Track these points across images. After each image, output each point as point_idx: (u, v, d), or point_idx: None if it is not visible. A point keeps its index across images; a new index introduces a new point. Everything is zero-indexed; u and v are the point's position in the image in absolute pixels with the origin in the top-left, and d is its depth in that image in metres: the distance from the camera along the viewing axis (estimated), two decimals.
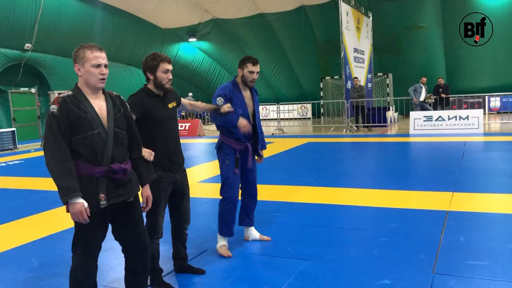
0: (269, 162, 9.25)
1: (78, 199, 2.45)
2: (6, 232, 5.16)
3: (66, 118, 2.50)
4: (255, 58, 4.06)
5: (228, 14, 20.60)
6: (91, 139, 2.55)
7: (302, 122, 21.10)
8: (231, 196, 3.96)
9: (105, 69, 2.64)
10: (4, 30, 15.53)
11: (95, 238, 2.66)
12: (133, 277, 2.89)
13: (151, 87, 3.32)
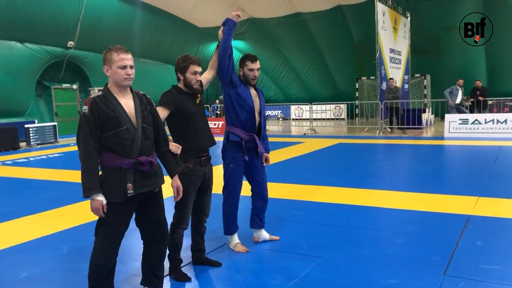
0: (295, 162, 9.37)
1: (97, 196, 2.70)
2: (42, 220, 5.48)
3: (97, 117, 2.74)
4: (253, 55, 4.11)
5: (265, 13, 20.73)
6: (121, 135, 2.78)
7: (336, 123, 21.00)
8: (232, 199, 4.09)
9: (131, 70, 2.86)
10: (49, 28, 16.21)
11: (118, 225, 2.85)
12: (148, 263, 3.08)
13: (181, 86, 3.52)
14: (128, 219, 2.92)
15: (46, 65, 17.39)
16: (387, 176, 7.65)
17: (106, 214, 2.79)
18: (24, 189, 7.76)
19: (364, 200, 5.86)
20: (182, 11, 20.53)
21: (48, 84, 18.16)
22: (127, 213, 2.89)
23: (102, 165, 2.83)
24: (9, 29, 15.25)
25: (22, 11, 14.94)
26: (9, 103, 16.16)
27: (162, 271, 3.15)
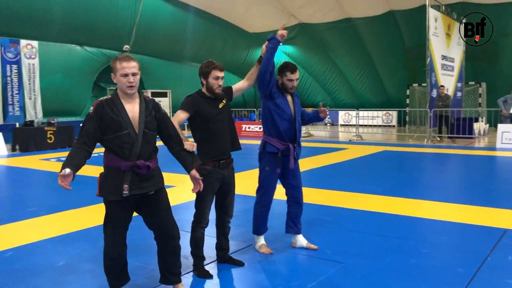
0: (335, 168, 9.35)
1: (65, 169, 2.84)
2: (83, 214, 5.83)
3: (100, 119, 2.94)
4: (293, 66, 4.15)
5: (314, 18, 20.74)
6: (122, 138, 2.96)
7: (385, 130, 20.61)
8: (265, 201, 4.16)
9: (132, 77, 2.99)
10: (106, 32, 17.06)
11: (120, 221, 3.07)
12: (163, 262, 3.26)
13: (204, 91, 3.68)
14: (129, 216, 3.11)
15: (103, 67, 18.32)
16: (426, 185, 7.49)
17: (108, 211, 3.05)
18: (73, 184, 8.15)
19: (397, 208, 5.80)
20: (233, 17, 20.93)
21: (104, 85, 19.08)
22: (126, 211, 3.07)
23: (104, 164, 3.07)
24: (70, 33, 16.19)
25: (82, 16, 15.81)
26: (67, 103, 17.13)
27: (178, 267, 3.30)
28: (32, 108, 15.02)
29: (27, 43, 14.76)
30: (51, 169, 9.80)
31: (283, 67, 4.13)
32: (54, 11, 14.93)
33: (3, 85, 14.16)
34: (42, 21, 14.96)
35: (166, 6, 18.44)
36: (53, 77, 16.08)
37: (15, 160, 11.58)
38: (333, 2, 19.38)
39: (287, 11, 20.69)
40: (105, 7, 16.34)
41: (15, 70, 14.50)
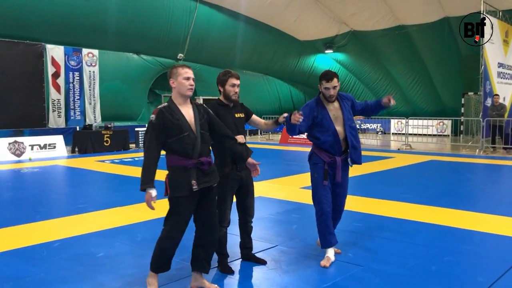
0: (376, 177, 9.33)
1: (150, 190, 3.25)
2: (127, 212, 6.25)
3: (162, 125, 3.28)
4: (330, 74, 4.07)
5: (366, 26, 20.59)
6: (183, 140, 3.31)
7: (439, 139, 20.04)
8: (322, 209, 4.07)
9: (193, 81, 3.39)
10: (162, 42, 17.86)
11: (185, 216, 3.39)
12: (203, 250, 3.54)
13: (221, 98, 3.95)
14: (192, 211, 3.43)
15: (158, 75, 19.13)
16: (465, 195, 7.34)
17: (175, 206, 3.34)
18: (122, 184, 8.78)
19: (428, 217, 5.78)
20: (283, 25, 21.20)
21: (159, 92, 19.93)
22: (192, 205, 3.40)
23: (168, 165, 3.38)
24: (127, 42, 17.09)
25: (139, 27, 16.67)
26: (124, 108, 18.04)
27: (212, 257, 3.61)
28: (92, 113, 16.00)
29: (88, 52, 15.76)
30: (105, 170, 10.46)
31: (321, 76, 4.12)
32: (113, 22, 15.85)
33: (66, 91, 15.19)
34: (102, 31, 15.92)
35: (219, 15, 19.01)
36: (111, 83, 17.01)
37: (73, 161, 12.41)
38: (385, 9, 19.19)
39: (338, 18, 20.70)
40: (161, 17, 17.13)
41: (77, 77, 15.52)
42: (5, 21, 13.65)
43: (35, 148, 13.27)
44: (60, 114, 15.04)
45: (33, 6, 13.83)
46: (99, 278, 3.79)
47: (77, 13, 14.91)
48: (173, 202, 3.36)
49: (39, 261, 4.23)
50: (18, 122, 13.91)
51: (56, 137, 14.00)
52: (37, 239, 4.91)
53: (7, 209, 6.62)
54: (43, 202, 7.00)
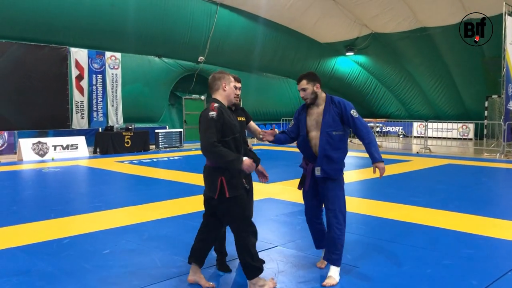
0: (389, 180, 9.30)
1: (245, 158, 3.45)
2: (138, 211, 6.43)
3: (221, 123, 3.44)
4: (299, 77, 3.96)
5: (388, 28, 20.45)
6: (236, 140, 3.54)
7: (462, 143, 19.72)
8: (306, 216, 4.14)
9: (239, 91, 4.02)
10: (183, 45, 18.15)
11: (248, 209, 3.72)
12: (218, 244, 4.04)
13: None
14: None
15: (179, 78, 19.44)
16: (475, 200, 7.25)
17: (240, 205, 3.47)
18: (137, 184, 9.01)
19: (433, 220, 5.77)
20: (304, 27, 21.23)
21: (180, 94, 20.23)
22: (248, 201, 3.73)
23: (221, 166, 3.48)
24: (149, 45, 17.44)
25: (161, 30, 17.00)
26: (146, 110, 18.40)
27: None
28: (114, 115, 16.39)
29: (111, 55, 16.16)
30: (123, 170, 10.73)
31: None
32: (135, 26, 16.21)
33: (89, 93, 15.62)
34: (124, 35, 16.29)
35: (239, 19, 19.20)
36: (133, 86, 17.38)
37: (94, 161, 12.76)
38: (407, 11, 19.02)
39: (359, 21, 20.63)
40: (182, 21, 17.42)
41: (100, 79, 15.93)
42: (32, 26, 14.14)
43: (57, 149, 13.69)
44: (83, 116, 15.47)
45: (58, 11, 14.28)
46: (101, 273, 3.96)
47: (100, 17, 15.31)
48: (235, 202, 3.44)
49: (48, 256, 4.44)
50: (42, 123, 14.38)
51: (78, 138, 14.42)
52: (48, 236, 5.13)
53: (25, 207, 6.91)
54: (60, 200, 7.27)
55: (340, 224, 3.80)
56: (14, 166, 11.65)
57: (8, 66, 13.45)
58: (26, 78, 13.83)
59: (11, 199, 7.46)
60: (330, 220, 3.80)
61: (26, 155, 12.94)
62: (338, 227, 3.78)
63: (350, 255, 4.41)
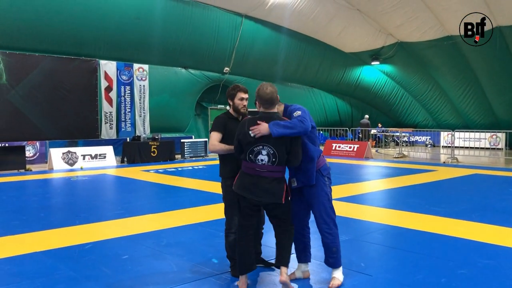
0: (411, 190, 9.22)
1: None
2: (157, 218, 6.58)
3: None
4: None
5: (413, 37, 20.26)
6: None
7: (492, 153, 19.27)
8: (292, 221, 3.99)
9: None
10: (209, 56, 18.46)
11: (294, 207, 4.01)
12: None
13: (231, 111, 4.18)
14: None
15: (205, 88, 19.73)
16: (499, 210, 7.09)
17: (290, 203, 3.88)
18: (161, 193, 9.21)
19: (452, 230, 5.70)
20: (328, 37, 21.26)
21: (206, 105, 20.53)
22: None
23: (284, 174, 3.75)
24: (176, 57, 17.81)
25: (187, 42, 17.34)
26: (172, 120, 18.74)
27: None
28: (141, 125, 16.77)
29: (139, 67, 16.58)
30: (148, 179, 10.97)
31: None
32: (162, 38, 16.61)
33: (118, 104, 16.04)
34: (152, 47, 16.71)
35: (264, 30, 19.39)
36: (160, 97, 17.75)
37: (121, 170, 13.08)
38: (433, 20, 18.82)
39: (384, 30, 20.52)
40: (208, 33, 17.73)
41: (128, 90, 16.36)
42: (63, 40, 14.68)
43: (86, 158, 14.09)
44: (112, 126, 15.89)
45: (88, 25, 14.78)
46: (118, 277, 4.11)
47: (128, 31, 15.76)
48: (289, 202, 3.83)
49: (70, 260, 4.62)
50: (72, 133, 14.84)
51: (106, 148, 14.81)
52: (72, 241, 5.32)
53: (52, 213, 7.17)
54: (85, 207, 7.50)
55: (331, 229, 3.87)
56: (44, 175, 12.06)
57: (41, 78, 13.98)
58: (57, 90, 14.33)
59: (39, 206, 7.75)
60: (320, 226, 3.89)
61: (56, 164, 13.37)
62: (329, 231, 3.86)
63: (365, 264, 4.42)
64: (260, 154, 3.64)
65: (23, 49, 13.98)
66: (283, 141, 3.62)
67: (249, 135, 3.61)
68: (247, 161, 3.69)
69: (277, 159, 3.64)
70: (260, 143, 3.61)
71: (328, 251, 3.90)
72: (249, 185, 3.67)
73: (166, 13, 16.27)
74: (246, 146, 3.67)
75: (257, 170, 3.65)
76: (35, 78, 13.91)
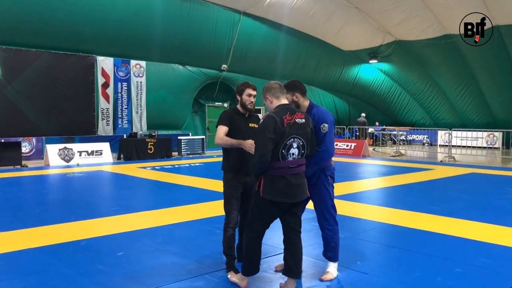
0: (408, 188, 9.22)
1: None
2: (153, 215, 6.55)
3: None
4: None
5: (412, 35, 20.24)
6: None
7: (487, 152, 19.29)
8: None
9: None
10: (207, 53, 18.37)
11: None
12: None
13: (238, 107, 4.20)
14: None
15: (203, 85, 19.66)
16: (496, 209, 7.09)
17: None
18: (158, 190, 9.18)
19: (449, 229, 5.69)
20: (327, 35, 21.20)
21: (203, 102, 20.47)
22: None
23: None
24: (173, 54, 17.73)
25: (184, 39, 17.25)
26: (169, 117, 18.67)
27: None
28: (138, 122, 16.72)
29: (136, 63, 16.53)
30: (144, 176, 10.93)
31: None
32: (160, 35, 16.50)
33: (115, 100, 15.99)
34: (149, 44, 16.61)
35: (262, 27, 19.32)
36: (157, 93, 17.67)
37: (117, 167, 13.03)
38: (431, 18, 18.79)
39: (382, 28, 20.48)
40: (206, 30, 17.64)
41: (125, 87, 16.30)
42: (60, 35, 14.58)
43: (83, 154, 14.03)
44: (108, 123, 15.84)
45: (85, 21, 14.68)
46: (113, 274, 4.07)
47: (126, 27, 15.66)
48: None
49: (65, 257, 4.58)
50: (69, 129, 14.79)
51: (103, 144, 14.74)
52: (67, 238, 5.29)
53: (47, 210, 7.13)
54: (81, 204, 7.46)
55: (331, 225, 4.00)
56: (40, 171, 12.00)
57: (37, 74, 13.91)
58: (54, 86, 14.27)
59: (35, 202, 7.71)
60: (321, 223, 4.04)
61: (52, 160, 13.31)
62: (329, 228, 4.00)
63: (361, 262, 4.41)
64: (291, 147, 3.52)
65: (19, 44, 13.90)
66: (307, 131, 3.64)
67: (282, 127, 3.45)
68: (277, 161, 3.49)
69: (306, 150, 3.63)
70: (292, 135, 3.51)
71: (328, 246, 4.04)
72: (285, 187, 3.51)
73: (164, 10, 16.18)
74: (279, 141, 3.47)
75: (289, 168, 3.53)
76: (32, 73, 13.84)
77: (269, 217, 3.66)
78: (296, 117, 3.57)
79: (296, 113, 3.61)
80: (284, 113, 3.54)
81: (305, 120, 3.64)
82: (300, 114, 3.63)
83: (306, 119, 3.66)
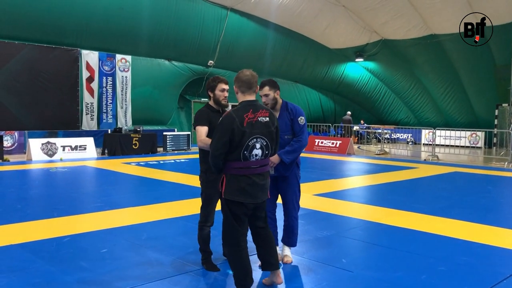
0: (393, 186, 9.28)
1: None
2: (140, 212, 6.49)
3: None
4: (262, 83, 4.22)
5: (398, 35, 20.40)
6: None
7: (470, 151, 19.56)
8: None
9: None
10: (193, 49, 18.27)
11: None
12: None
13: (211, 104, 4.10)
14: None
15: (189, 81, 19.55)
16: (477, 208, 7.18)
17: None
18: (142, 186, 9.10)
19: (432, 227, 5.75)
20: (314, 33, 21.26)
21: (189, 97, 20.36)
22: None
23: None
24: (159, 49, 17.59)
25: (171, 33, 17.13)
26: (154, 112, 18.54)
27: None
28: (123, 116, 16.55)
29: (121, 58, 16.35)
30: (129, 172, 10.84)
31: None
32: (146, 29, 16.37)
33: (99, 95, 15.80)
34: (135, 38, 16.46)
35: (249, 23, 19.28)
36: (143, 88, 17.52)
37: (101, 162, 12.89)
38: (417, 18, 18.96)
39: (369, 27, 20.60)
40: (193, 25, 17.54)
41: (110, 81, 16.12)
42: (44, 28, 14.36)
43: (66, 149, 13.85)
44: (93, 117, 15.65)
45: (70, 13, 14.48)
46: (97, 271, 4.02)
47: (111, 21, 15.49)
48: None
49: (47, 253, 4.51)
50: (52, 123, 14.56)
51: (87, 139, 14.57)
52: (50, 234, 5.21)
53: (29, 205, 7.01)
54: (64, 200, 7.36)
55: (297, 214, 4.38)
56: (22, 166, 11.81)
57: (20, 67, 13.67)
58: (37, 79, 14.04)
59: (16, 197, 7.59)
60: (290, 212, 4.34)
61: (35, 155, 13.11)
62: (296, 216, 4.36)
63: (346, 260, 4.42)
64: (254, 148, 3.34)
65: (1, 36, 13.65)
66: (271, 130, 3.48)
67: (242, 127, 3.28)
68: (239, 161, 3.33)
69: (270, 150, 3.48)
70: (254, 135, 3.33)
71: (291, 233, 4.35)
72: (247, 187, 3.34)
73: (151, 4, 16.04)
74: (239, 142, 3.30)
75: (251, 169, 3.36)
76: (14, 66, 13.60)
77: (239, 217, 3.40)
78: (259, 115, 3.37)
79: (260, 110, 3.41)
80: (245, 111, 3.33)
81: (269, 118, 3.45)
82: (264, 112, 3.43)
83: (270, 116, 3.47)
